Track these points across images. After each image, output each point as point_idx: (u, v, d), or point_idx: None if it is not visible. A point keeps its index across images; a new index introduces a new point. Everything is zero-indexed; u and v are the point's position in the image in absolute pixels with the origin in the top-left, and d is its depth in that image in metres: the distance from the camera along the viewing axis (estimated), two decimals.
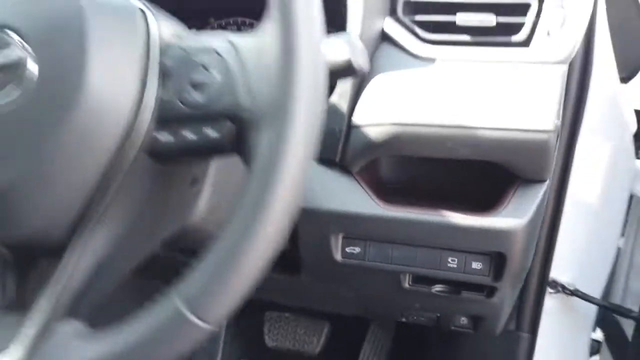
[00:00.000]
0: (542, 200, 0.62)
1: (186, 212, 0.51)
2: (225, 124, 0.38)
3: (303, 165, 0.35)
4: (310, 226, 0.66)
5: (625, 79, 0.86)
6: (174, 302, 0.36)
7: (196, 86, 0.39)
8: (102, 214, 0.40)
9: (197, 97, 0.38)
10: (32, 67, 0.38)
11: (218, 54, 0.39)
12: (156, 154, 0.41)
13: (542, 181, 0.62)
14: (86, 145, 0.38)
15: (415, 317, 0.82)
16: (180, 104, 0.39)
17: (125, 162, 0.39)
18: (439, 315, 0.80)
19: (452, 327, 0.82)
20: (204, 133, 0.38)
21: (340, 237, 0.67)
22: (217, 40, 0.40)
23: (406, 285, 0.70)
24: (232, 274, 0.35)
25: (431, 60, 0.60)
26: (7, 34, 0.38)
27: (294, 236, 0.68)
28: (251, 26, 0.82)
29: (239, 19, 0.83)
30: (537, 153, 0.57)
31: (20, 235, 0.40)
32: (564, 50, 0.58)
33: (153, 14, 0.42)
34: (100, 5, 0.40)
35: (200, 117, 0.38)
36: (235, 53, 0.39)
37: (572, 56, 0.58)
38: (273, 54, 0.37)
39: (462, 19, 0.60)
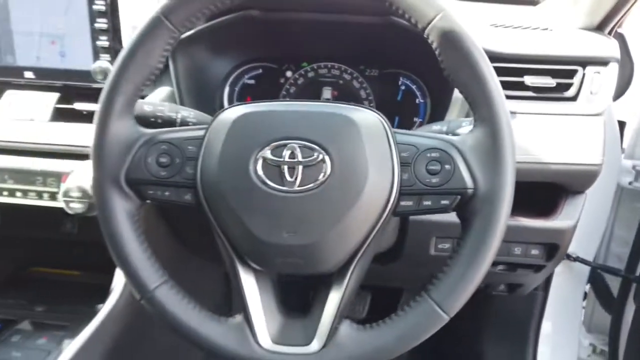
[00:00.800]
0: (583, 206, 0.88)
1: None
2: (455, 196, 0.59)
3: (505, 224, 0.58)
4: (417, 231, 0.90)
5: (614, 97, 1.13)
6: (429, 303, 0.59)
7: (432, 173, 0.59)
8: (363, 253, 0.62)
9: (434, 180, 0.59)
10: (328, 163, 0.58)
11: (444, 151, 0.59)
12: (397, 214, 0.62)
13: (582, 192, 0.89)
14: (364, 214, 0.59)
15: None
16: (421, 184, 0.59)
17: (380, 221, 0.60)
18: (486, 284, 1.07)
19: (493, 292, 1.10)
20: (439, 202, 0.60)
21: (434, 237, 0.91)
22: (438, 141, 0.60)
23: None
24: (468, 283, 0.58)
25: (513, 113, 0.83)
26: (310, 144, 0.58)
27: (402, 239, 0.92)
28: (338, 70, 1.02)
29: (328, 64, 1.02)
30: (588, 177, 0.84)
31: (319, 271, 0.61)
32: (602, 106, 0.83)
33: (384, 119, 0.62)
34: (364, 120, 0.59)
35: (437, 192, 0.59)
36: (455, 150, 0.59)
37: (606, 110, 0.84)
38: (487, 149, 0.58)
39: (531, 81, 0.84)
